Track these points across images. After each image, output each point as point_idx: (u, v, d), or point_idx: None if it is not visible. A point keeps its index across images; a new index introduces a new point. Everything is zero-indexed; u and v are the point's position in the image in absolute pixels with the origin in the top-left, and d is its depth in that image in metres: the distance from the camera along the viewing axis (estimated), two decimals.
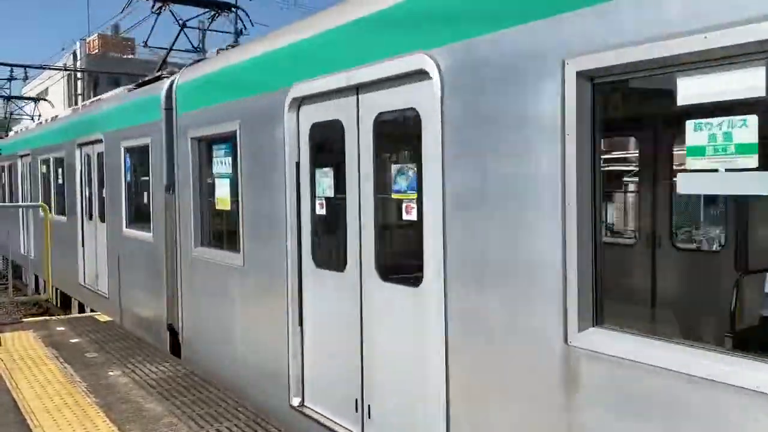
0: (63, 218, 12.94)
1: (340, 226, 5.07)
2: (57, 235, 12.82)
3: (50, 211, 12.86)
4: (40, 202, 14.10)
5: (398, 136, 4.80)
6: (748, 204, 5.80)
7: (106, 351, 8.01)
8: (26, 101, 31.36)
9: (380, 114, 4.65)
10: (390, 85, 4.47)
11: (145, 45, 13.88)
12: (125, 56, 52.55)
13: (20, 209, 17.10)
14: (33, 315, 14.77)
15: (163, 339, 8.43)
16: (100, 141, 10.56)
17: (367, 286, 4.83)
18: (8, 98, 29.52)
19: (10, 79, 34.22)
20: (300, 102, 5.52)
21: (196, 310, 7.59)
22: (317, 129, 5.40)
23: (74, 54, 49.23)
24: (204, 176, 7.53)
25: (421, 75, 4.13)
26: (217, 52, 7.75)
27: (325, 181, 5.35)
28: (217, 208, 7.20)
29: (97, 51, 51.39)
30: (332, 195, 5.25)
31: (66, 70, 40.22)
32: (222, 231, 7.32)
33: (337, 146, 5.09)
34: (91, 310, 11.29)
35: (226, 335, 6.91)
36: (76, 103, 42.62)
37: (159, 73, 9.42)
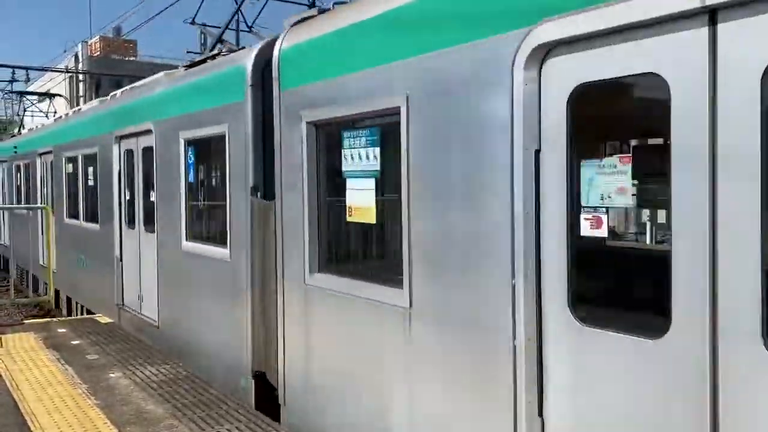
0: (95, 226, 11.09)
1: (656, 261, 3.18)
2: (87, 246, 11.50)
3: (80, 217, 11.96)
4: (42, 204, 14.06)
5: None
6: None
7: (107, 353, 8.00)
8: (40, 98, 30.54)
9: None
10: None
11: (192, 22, 12.56)
12: (127, 58, 52.61)
13: (37, 215, 15.52)
14: (34, 317, 14.78)
15: (244, 389, 6.41)
16: (149, 132, 8.65)
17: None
18: (22, 93, 29.04)
19: (12, 80, 34.28)
20: (548, 51, 3.38)
21: (315, 362, 5.39)
22: (587, 93, 3.26)
23: (76, 56, 49.30)
24: (324, 175, 5.48)
25: None
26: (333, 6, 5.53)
27: (607, 181, 3.26)
28: (349, 219, 5.05)
29: (98, 53, 51.48)
30: (626, 204, 3.22)
31: (68, 72, 40.27)
32: (357, 252, 5.35)
33: (637, 120, 3.68)
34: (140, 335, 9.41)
35: (379, 418, 4.63)
36: (77, 105, 42.66)
37: (215, 52, 8.04)
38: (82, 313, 12.07)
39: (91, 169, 11.25)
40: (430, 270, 4.11)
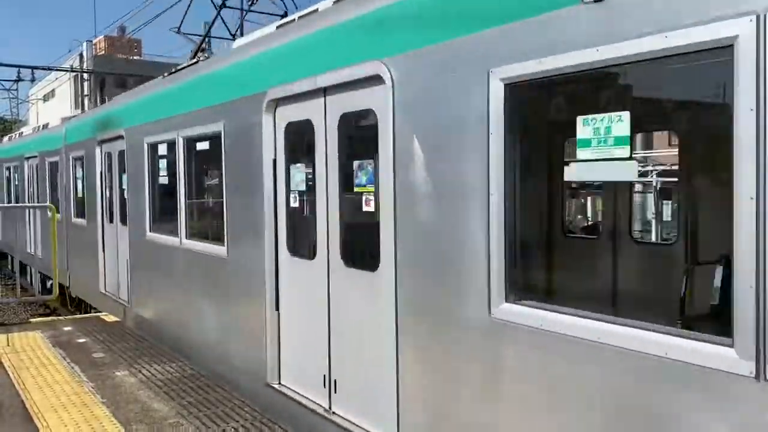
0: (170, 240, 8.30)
1: None
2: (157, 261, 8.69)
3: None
4: (48, 203, 14.10)
5: None
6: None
7: (113, 351, 8.02)
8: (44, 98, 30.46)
9: None
10: None
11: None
12: (131, 57, 52.73)
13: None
14: (40, 315, 14.83)
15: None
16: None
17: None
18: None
19: (18, 80, 34.41)
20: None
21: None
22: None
23: (81, 55, 49.43)
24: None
25: None
26: None
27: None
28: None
29: (103, 52, 51.60)
30: None
31: (73, 71, 40.34)
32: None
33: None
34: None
35: None
36: (82, 104, 42.82)
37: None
38: (87, 312, 12.11)
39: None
40: None
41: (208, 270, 7.02)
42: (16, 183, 19.04)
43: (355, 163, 4.82)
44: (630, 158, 3.03)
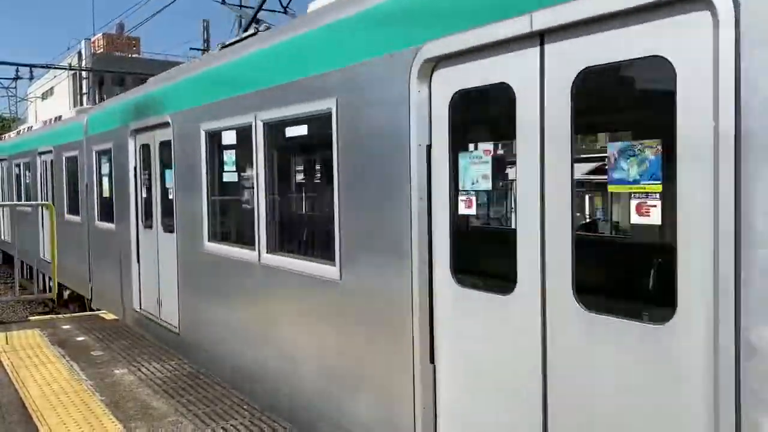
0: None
1: None
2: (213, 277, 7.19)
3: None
4: (46, 201, 14.08)
5: None
6: None
7: (112, 349, 8.03)
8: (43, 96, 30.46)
9: None
10: None
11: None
12: (130, 55, 52.68)
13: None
14: (39, 313, 14.83)
15: None
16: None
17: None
18: None
19: (16, 78, 34.40)
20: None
21: None
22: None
23: (79, 53, 49.38)
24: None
25: None
26: None
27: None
28: None
29: (102, 50, 51.54)
30: None
31: (71, 69, 40.32)
32: None
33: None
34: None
35: None
36: (81, 103, 42.77)
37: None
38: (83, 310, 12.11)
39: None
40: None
41: (306, 297, 5.25)
42: (28, 181, 16.76)
43: (613, 147, 3.10)
44: None
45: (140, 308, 9.19)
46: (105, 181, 10.54)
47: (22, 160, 17.28)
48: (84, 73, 44.77)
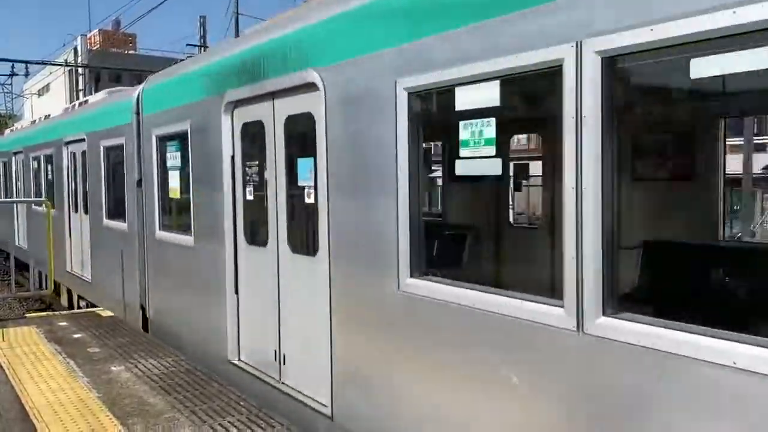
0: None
1: None
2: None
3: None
4: (43, 198, 13.99)
5: None
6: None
7: (109, 346, 8.02)
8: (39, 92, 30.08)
9: None
10: None
11: None
12: (126, 51, 52.55)
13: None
14: (36, 310, 14.82)
15: None
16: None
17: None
18: None
19: (12, 74, 34.27)
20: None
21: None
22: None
23: (75, 50, 49.24)
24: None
25: None
26: None
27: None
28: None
29: (98, 46, 51.40)
30: None
31: (67, 65, 40.20)
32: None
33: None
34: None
35: None
36: (77, 99, 42.66)
37: None
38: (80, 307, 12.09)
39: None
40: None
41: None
42: (50, 177, 13.90)
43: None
44: None
45: (240, 360, 6.73)
46: (173, 176, 8.07)
47: (42, 152, 14.45)
48: (80, 70, 44.66)
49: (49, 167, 13.93)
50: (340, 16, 4.92)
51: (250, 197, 6.46)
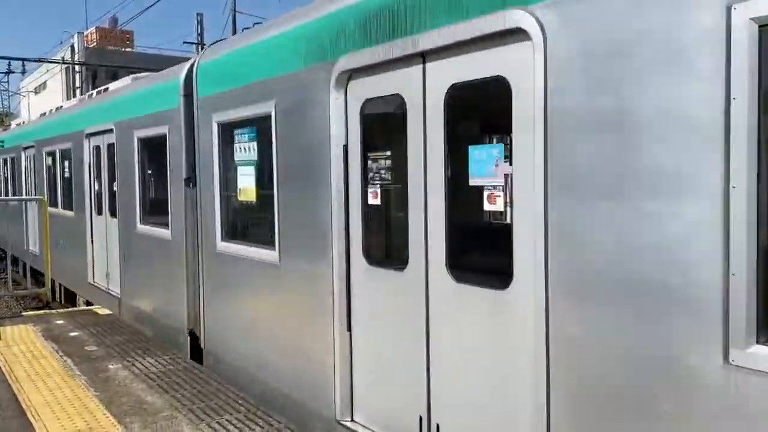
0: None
1: None
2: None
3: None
4: (39, 196, 13.90)
5: None
6: None
7: (106, 344, 8.00)
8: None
9: None
10: None
11: None
12: (124, 49, 52.45)
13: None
14: (33, 309, 14.78)
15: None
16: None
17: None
18: None
19: (8, 72, 34.21)
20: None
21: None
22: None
23: (72, 47, 49.13)
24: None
25: None
26: None
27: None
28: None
29: (95, 44, 51.29)
30: None
31: (64, 63, 40.08)
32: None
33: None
34: None
35: None
36: (74, 97, 42.59)
37: None
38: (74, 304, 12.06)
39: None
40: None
41: None
42: (68, 175, 12.28)
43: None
44: None
45: (353, 421, 5.12)
46: (245, 174, 6.49)
47: (58, 146, 12.83)
48: (77, 67, 44.55)
49: (67, 163, 12.31)
50: None
51: (376, 201, 4.81)
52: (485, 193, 3.85)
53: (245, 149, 6.41)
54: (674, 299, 2.73)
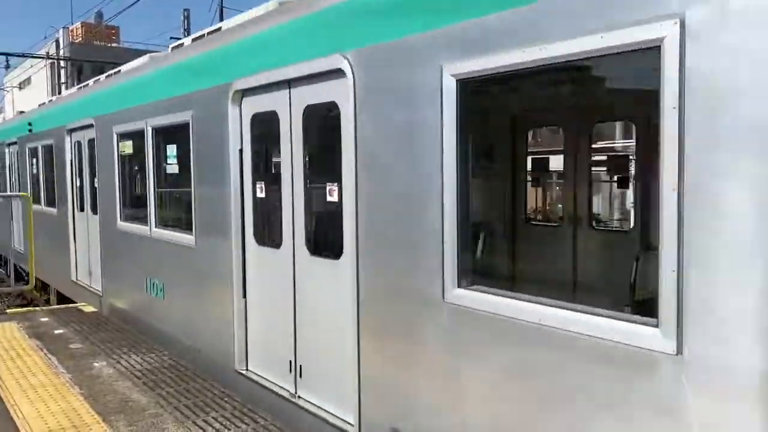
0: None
1: None
2: None
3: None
4: (22, 192, 13.79)
5: None
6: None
7: (91, 342, 7.95)
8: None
9: None
10: None
11: None
12: (109, 44, 52.01)
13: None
14: (18, 306, 14.66)
15: None
16: None
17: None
18: None
19: None
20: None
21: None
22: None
23: (57, 42, 48.67)
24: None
25: None
26: None
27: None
28: None
29: (80, 39, 50.84)
30: None
31: (49, 58, 39.74)
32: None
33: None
34: None
35: None
36: (59, 92, 42.23)
37: None
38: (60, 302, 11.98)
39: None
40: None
41: None
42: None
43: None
44: None
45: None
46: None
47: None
48: (62, 62, 44.15)
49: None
50: None
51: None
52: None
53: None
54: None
